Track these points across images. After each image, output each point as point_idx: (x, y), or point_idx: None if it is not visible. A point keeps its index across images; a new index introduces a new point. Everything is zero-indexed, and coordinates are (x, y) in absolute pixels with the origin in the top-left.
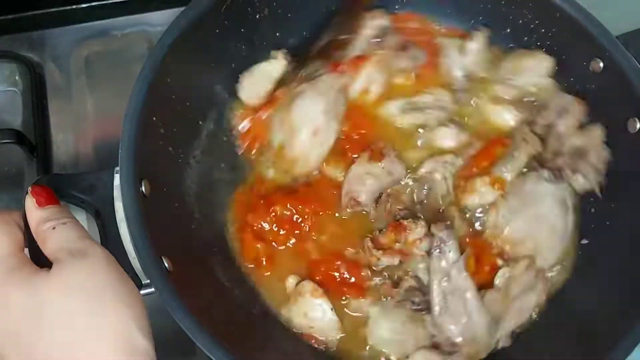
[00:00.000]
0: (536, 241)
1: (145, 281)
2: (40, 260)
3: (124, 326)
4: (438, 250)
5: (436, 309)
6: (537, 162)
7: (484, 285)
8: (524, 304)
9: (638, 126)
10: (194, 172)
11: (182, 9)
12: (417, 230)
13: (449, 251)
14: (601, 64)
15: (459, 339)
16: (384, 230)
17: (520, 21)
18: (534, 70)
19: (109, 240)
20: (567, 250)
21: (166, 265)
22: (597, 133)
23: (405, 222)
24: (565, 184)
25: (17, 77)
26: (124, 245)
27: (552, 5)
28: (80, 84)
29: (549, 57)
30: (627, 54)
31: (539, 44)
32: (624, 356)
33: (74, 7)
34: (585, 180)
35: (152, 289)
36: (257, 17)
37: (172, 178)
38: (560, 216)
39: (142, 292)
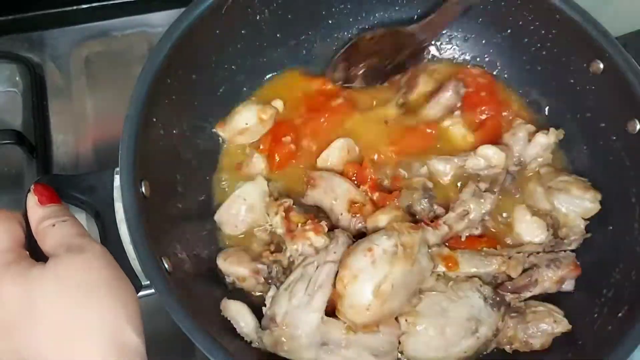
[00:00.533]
0: (421, 323)
1: (145, 282)
2: (40, 259)
3: (116, 322)
4: (328, 244)
5: (285, 284)
6: (494, 280)
7: None
8: (360, 358)
9: (638, 127)
10: (195, 173)
11: (182, 10)
12: (318, 238)
13: (335, 251)
14: (601, 66)
15: (279, 319)
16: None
17: (521, 22)
18: (575, 202)
19: (109, 241)
20: None
21: (166, 266)
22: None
23: (323, 225)
24: (496, 315)
25: (17, 78)
26: (124, 246)
27: (552, 7)
28: (81, 85)
29: (598, 203)
30: (627, 55)
31: (539, 45)
32: (624, 356)
33: (74, 7)
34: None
35: (152, 290)
36: (257, 18)
37: (173, 179)
38: (458, 330)
39: (142, 293)
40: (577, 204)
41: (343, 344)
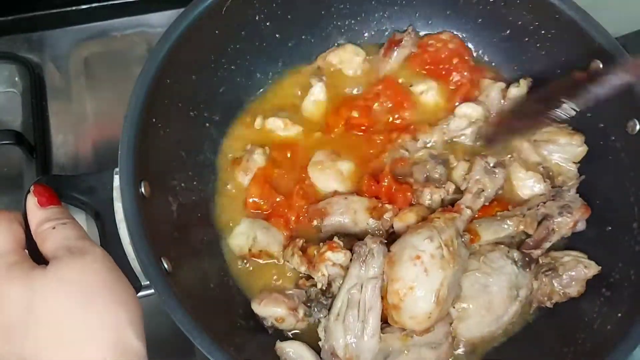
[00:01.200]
0: (469, 307)
1: (145, 282)
2: (40, 262)
3: (116, 325)
4: (363, 259)
5: (334, 313)
6: (516, 241)
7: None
8: (421, 356)
9: (638, 127)
10: (195, 173)
11: (181, 10)
12: (336, 255)
13: (374, 266)
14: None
15: (340, 353)
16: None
17: (520, 22)
18: (565, 149)
19: (109, 241)
20: (494, 337)
21: (165, 266)
22: (581, 282)
23: (336, 241)
24: (529, 275)
25: (16, 79)
26: (124, 246)
27: (551, 7)
28: (80, 85)
29: (585, 145)
30: (627, 55)
31: (538, 45)
32: (624, 356)
33: (73, 8)
34: (540, 293)
35: (152, 290)
36: (257, 18)
37: (173, 179)
38: (503, 300)
39: (142, 293)
40: (567, 150)
41: (404, 351)
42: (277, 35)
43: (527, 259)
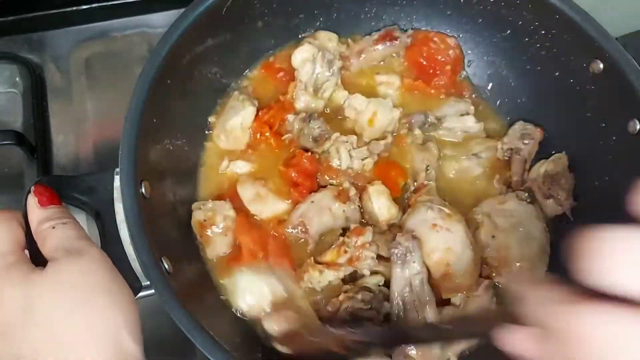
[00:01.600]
0: (531, 260)
1: (145, 282)
2: (40, 262)
3: (113, 328)
4: (402, 259)
5: (395, 320)
6: (507, 186)
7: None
8: None
9: (638, 127)
10: (194, 172)
11: (182, 10)
12: (366, 234)
13: (414, 262)
14: (601, 66)
15: (412, 352)
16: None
17: (520, 22)
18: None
19: (109, 242)
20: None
21: (166, 266)
22: (563, 159)
23: (364, 229)
24: (537, 206)
25: (17, 79)
26: (124, 246)
27: (551, 7)
28: (81, 86)
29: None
30: (627, 55)
31: (538, 45)
32: None
33: (74, 8)
34: (556, 205)
35: (152, 290)
36: (258, 20)
37: (173, 179)
38: (545, 236)
39: (142, 293)
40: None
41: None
42: (277, 37)
43: (530, 193)
